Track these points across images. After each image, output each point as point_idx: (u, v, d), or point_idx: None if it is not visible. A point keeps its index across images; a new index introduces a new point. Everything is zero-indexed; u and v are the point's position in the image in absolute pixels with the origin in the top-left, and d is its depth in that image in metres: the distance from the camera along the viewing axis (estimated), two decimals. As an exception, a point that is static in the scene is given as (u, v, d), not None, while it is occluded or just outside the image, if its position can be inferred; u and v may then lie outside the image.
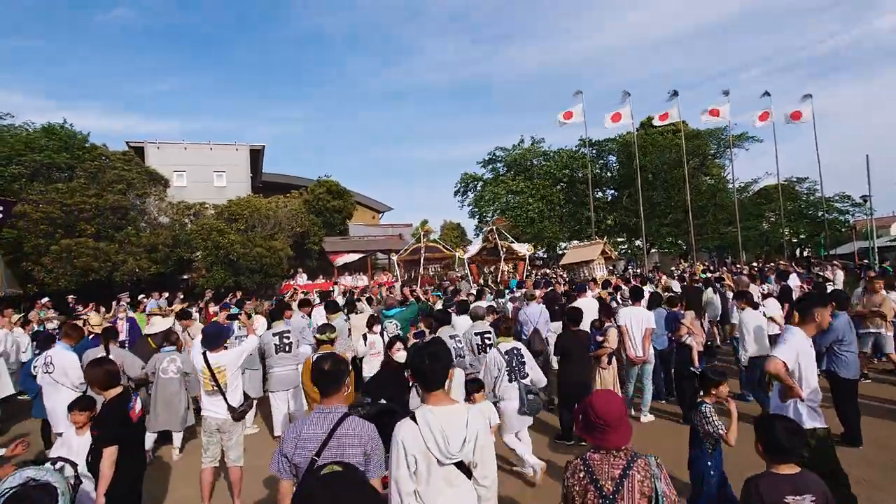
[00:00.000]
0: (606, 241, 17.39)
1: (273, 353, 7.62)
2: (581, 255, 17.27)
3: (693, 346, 6.66)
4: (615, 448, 2.34)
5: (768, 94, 32.20)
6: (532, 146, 39.20)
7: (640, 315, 7.20)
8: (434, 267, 20.15)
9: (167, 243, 22.84)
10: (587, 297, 9.13)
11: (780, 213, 33.12)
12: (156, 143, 32.65)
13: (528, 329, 8.55)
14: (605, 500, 2.25)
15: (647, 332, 7.10)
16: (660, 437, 6.68)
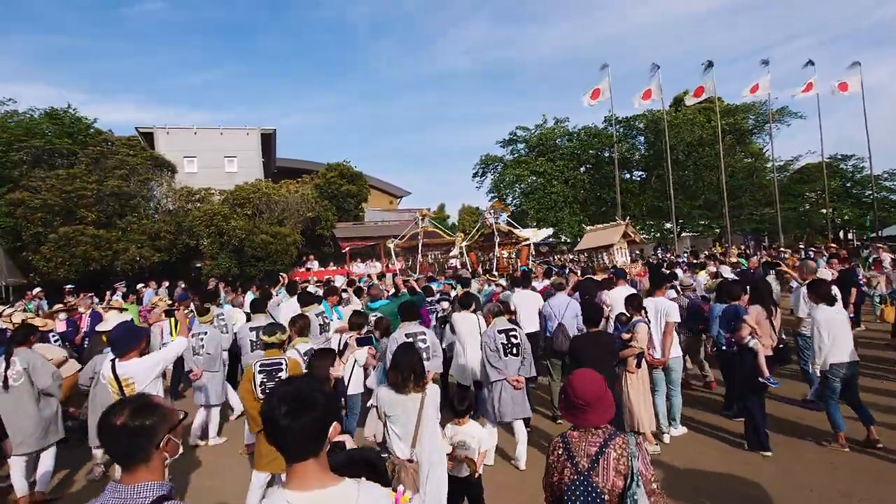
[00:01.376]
0: (629, 222, 15.24)
1: (248, 351, 6.60)
2: (600, 238, 15.30)
3: (759, 350, 5.14)
4: (593, 426, 2.36)
5: (812, 63, 29.81)
6: (556, 125, 37.24)
7: (661, 306, 5.88)
8: (434, 253, 18.71)
9: (171, 230, 21.96)
10: (625, 286, 7.65)
11: (825, 192, 30.73)
12: (165, 128, 31.83)
13: (552, 324, 7.14)
14: (580, 476, 2.27)
15: (667, 326, 5.70)
16: (696, 457, 5.31)
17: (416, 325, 5.71)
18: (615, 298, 7.00)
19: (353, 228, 28.48)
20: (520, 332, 5.45)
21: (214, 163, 31.99)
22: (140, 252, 20.59)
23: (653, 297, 6.04)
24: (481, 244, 17.53)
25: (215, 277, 20.42)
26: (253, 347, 6.50)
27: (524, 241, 16.77)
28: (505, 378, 5.22)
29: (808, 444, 5.46)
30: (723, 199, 28.67)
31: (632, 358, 5.36)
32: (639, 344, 5.37)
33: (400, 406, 3.51)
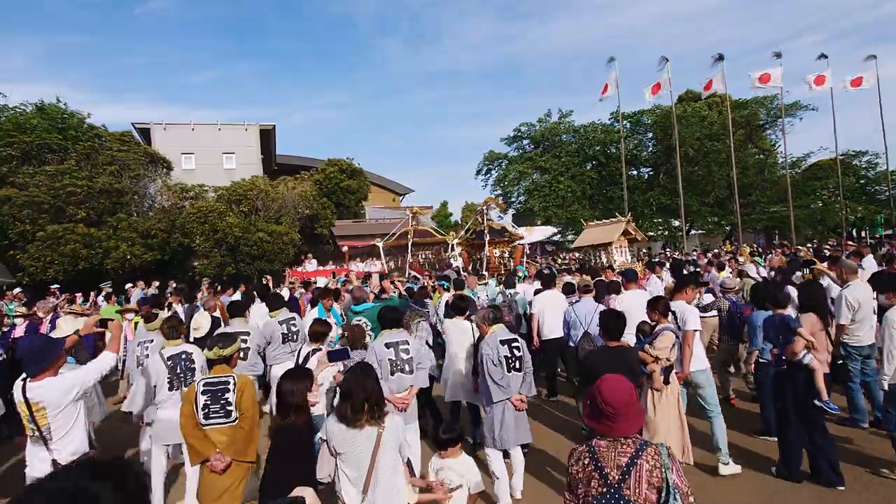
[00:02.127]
0: (630, 218, 14.30)
1: None
2: (598, 235, 14.39)
3: (816, 368, 4.32)
4: (622, 436, 2.22)
5: (825, 56, 28.81)
6: (561, 120, 36.36)
7: (678, 312, 5.11)
8: (425, 253, 17.87)
9: (164, 228, 21.30)
10: (636, 290, 6.84)
11: (840, 189, 29.78)
12: (162, 124, 31.19)
13: (576, 333, 6.37)
14: (609, 489, 2.14)
15: (685, 336, 4.91)
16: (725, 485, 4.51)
17: (399, 332, 4.97)
18: (628, 304, 6.15)
19: (353, 226, 27.80)
20: (522, 344, 4.69)
21: (212, 159, 31.33)
22: (131, 251, 19.93)
23: (673, 301, 5.23)
24: (472, 242, 16.67)
25: (209, 277, 19.79)
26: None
27: (518, 240, 15.89)
28: (508, 398, 4.48)
29: (860, 471, 4.68)
30: (733, 197, 27.82)
31: (657, 372, 4.55)
32: (662, 355, 4.58)
33: (350, 443, 2.82)
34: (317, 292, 8.00)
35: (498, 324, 4.79)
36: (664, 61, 27.04)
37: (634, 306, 6.12)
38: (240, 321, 6.08)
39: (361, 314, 7.13)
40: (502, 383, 4.46)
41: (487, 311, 4.93)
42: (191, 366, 4.77)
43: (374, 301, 7.73)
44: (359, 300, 7.37)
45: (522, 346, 4.68)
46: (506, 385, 4.47)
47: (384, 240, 18.72)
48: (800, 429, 4.42)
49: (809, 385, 4.37)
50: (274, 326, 6.48)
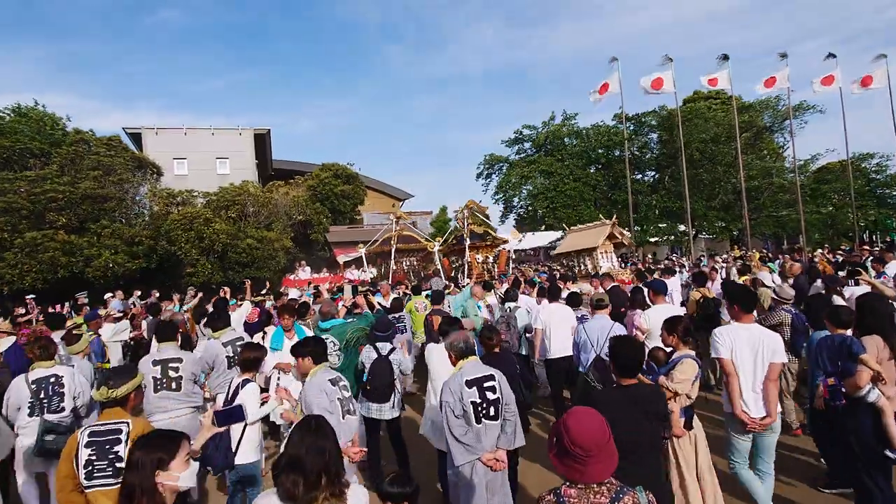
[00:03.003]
0: (615, 221, 13.15)
1: (150, 392, 4.91)
2: (582, 240, 13.30)
3: (885, 407, 3.38)
4: (595, 482, 1.96)
5: (833, 55, 27.97)
6: (564, 122, 35.52)
7: (760, 338, 3.80)
8: (409, 260, 16.95)
9: (150, 235, 20.47)
10: (666, 306, 5.87)
11: (851, 192, 28.81)
12: (153, 128, 30.44)
13: (587, 356, 5.39)
14: None
15: (772, 370, 3.73)
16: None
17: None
18: (656, 323, 5.10)
19: (348, 232, 26.91)
20: (500, 381, 3.66)
21: (205, 164, 30.53)
22: (114, 259, 19.08)
23: (739, 324, 3.98)
24: (452, 248, 15.73)
25: (195, 286, 18.96)
26: (156, 387, 4.87)
27: (502, 244, 14.93)
28: (478, 458, 3.49)
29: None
30: (740, 200, 26.93)
31: (676, 413, 3.66)
32: (684, 390, 3.67)
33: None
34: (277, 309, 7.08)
35: (470, 356, 3.77)
36: (668, 60, 26.26)
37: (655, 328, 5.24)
38: (169, 346, 5.14)
39: (328, 332, 6.28)
40: (467, 440, 3.49)
41: (457, 340, 3.85)
42: (59, 390, 4.18)
43: (346, 317, 6.84)
44: (327, 316, 6.49)
45: (500, 383, 3.64)
46: (472, 442, 3.50)
47: (367, 246, 17.89)
48: (880, 479, 3.47)
49: (877, 430, 3.43)
50: (216, 349, 5.60)
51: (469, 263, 13.95)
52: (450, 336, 3.96)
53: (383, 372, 5.50)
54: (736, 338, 3.81)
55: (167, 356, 4.96)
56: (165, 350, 5.04)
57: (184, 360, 5.00)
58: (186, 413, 4.95)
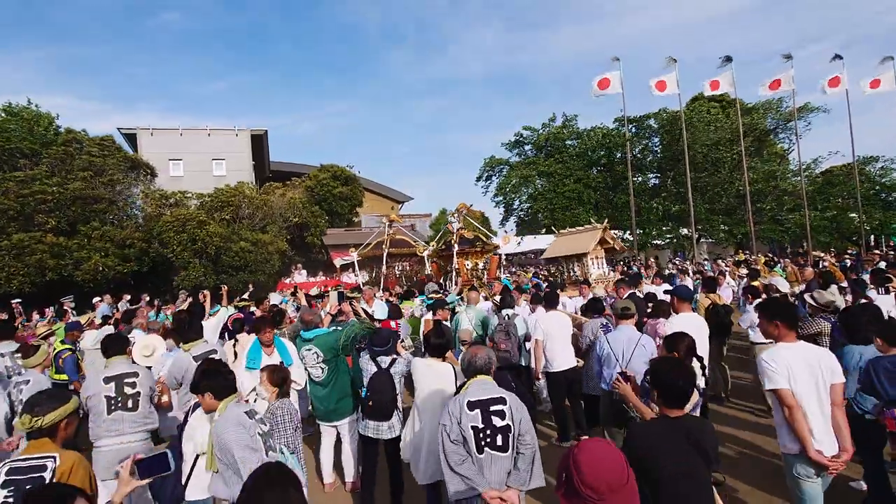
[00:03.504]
0: (607, 225, 12.55)
1: (103, 413, 4.38)
2: (571, 245, 12.60)
3: None
4: None
5: (839, 57, 27.54)
6: (565, 124, 35.09)
7: (812, 359, 3.19)
8: (402, 265, 16.45)
9: (142, 238, 20.02)
10: (690, 315, 5.30)
11: (857, 196, 28.35)
12: (149, 129, 30.03)
13: (610, 372, 4.74)
14: None
15: (834, 392, 3.15)
16: None
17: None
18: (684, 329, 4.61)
19: (346, 235, 26.43)
20: (512, 407, 3.10)
21: (202, 165, 30.13)
22: (104, 262, 18.62)
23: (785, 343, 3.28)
24: (442, 253, 15.23)
25: (186, 290, 18.50)
26: (109, 408, 4.33)
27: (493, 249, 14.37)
28: (478, 495, 2.98)
29: None
30: (744, 204, 26.51)
31: None
32: None
33: None
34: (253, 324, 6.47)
35: (481, 375, 3.26)
36: (672, 62, 25.82)
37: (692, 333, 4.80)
38: (119, 360, 4.60)
39: (311, 342, 5.77)
40: (464, 471, 2.96)
41: (477, 355, 3.31)
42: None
43: (331, 325, 6.33)
44: (309, 324, 5.96)
45: (513, 409, 3.08)
46: (471, 474, 2.97)
47: (358, 250, 17.44)
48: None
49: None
50: (185, 364, 5.07)
51: (457, 269, 13.41)
52: (470, 350, 3.46)
53: (384, 387, 5.01)
54: (791, 362, 3.15)
55: (120, 371, 4.45)
56: (116, 365, 4.51)
57: (140, 375, 4.48)
58: (139, 439, 4.42)
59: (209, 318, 7.67)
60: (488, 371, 3.30)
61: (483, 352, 3.34)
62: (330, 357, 5.72)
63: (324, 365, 5.77)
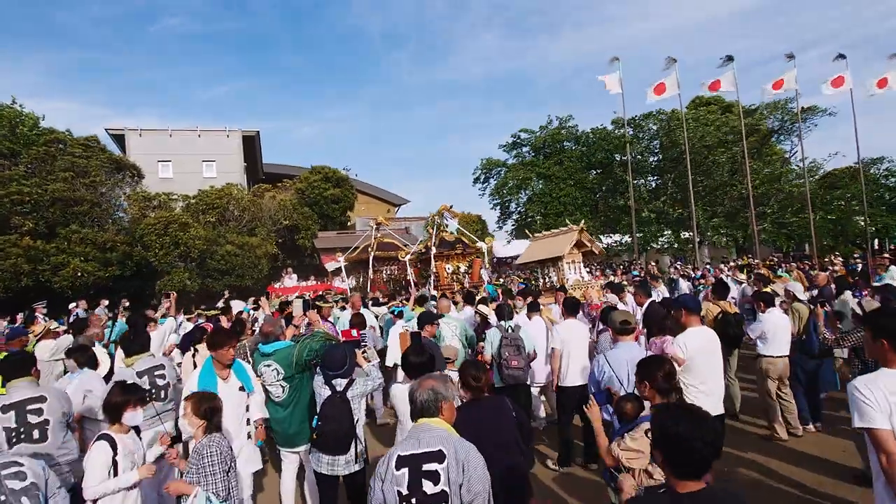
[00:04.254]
0: (583, 227, 11.81)
1: (2, 446, 3.68)
2: (546, 249, 11.85)
3: None
4: None
5: (843, 56, 26.90)
6: (561, 125, 34.49)
7: None
8: (390, 269, 15.78)
9: (124, 241, 19.27)
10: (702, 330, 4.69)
11: (864, 198, 27.68)
12: (137, 129, 29.33)
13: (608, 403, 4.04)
14: None
15: (881, 443, 2.35)
16: None
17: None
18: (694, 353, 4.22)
19: (338, 238, 25.70)
20: (452, 464, 2.32)
21: (191, 167, 29.41)
22: (83, 266, 17.86)
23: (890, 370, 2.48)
24: (421, 256, 14.55)
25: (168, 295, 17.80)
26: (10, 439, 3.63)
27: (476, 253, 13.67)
28: None
29: None
30: (746, 207, 25.85)
31: (626, 490, 2.50)
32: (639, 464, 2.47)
33: None
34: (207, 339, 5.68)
35: (425, 418, 2.54)
36: (672, 62, 25.17)
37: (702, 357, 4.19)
38: (22, 383, 3.85)
39: (271, 357, 5.07)
40: None
41: (419, 390, 2.59)
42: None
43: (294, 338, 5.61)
44: (269, 337, 5.23)
45: (453, 465, 2.32)
46: None
47: (346, 254, 16.77)
48: None
49: None
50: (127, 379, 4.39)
51: (436, 274, 12.71)
52: (415, 383, 2.73)
53: (338, 414, 4.25)
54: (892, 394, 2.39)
55: (22, 397, 3.73)
56: (18, 390, 3.79)
57: (48, 399, 3.77)
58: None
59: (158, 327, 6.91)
60: (435, 412, 2.54)
61: (429, 385, 2.59)
62: (291, 374, 5.05)
63: (284, 383, 5.11)
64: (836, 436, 6.29)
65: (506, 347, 5.88)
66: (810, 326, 6.63)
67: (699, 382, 4.43)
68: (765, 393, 6.53)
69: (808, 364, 6.68)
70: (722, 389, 4.63)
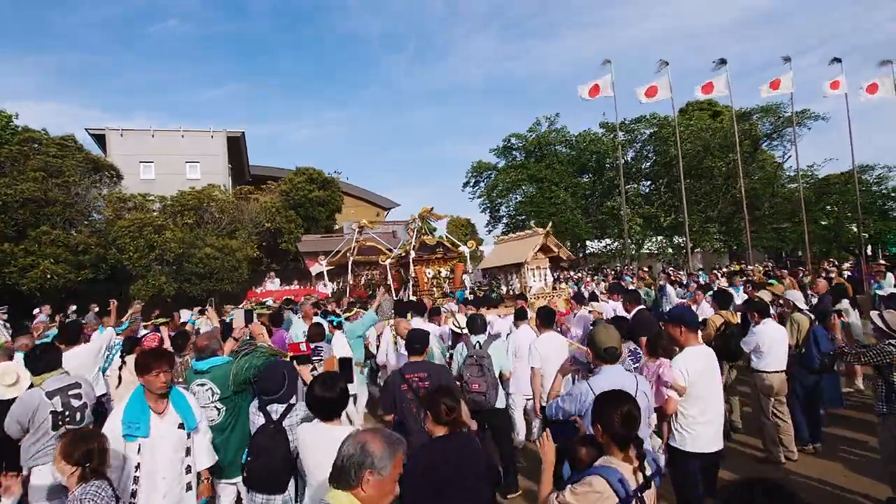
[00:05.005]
0: (549, 231, 10.83)
1: None
2: (509, 253, 11.11)
3: None
4: None
5: (838, 60, 26.60)
6: (550, 126, 34.06)
7: None
8: (371, 273, 15.17)
9: (99, 243, 18.58)
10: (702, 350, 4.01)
11: (857, 205, 27.31)
12: (118, 129, 28.60)
13: None
14: None
15: None
16: None
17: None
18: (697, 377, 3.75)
19: (322, 241, 25.04)
20: None
21: (174, 168, 28.66)
22: (53, 269, 17.15)
23: None
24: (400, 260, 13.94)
25: (142, 300, 17.10)
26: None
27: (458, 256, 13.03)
28: None
29: None
30: (740, 212, 25.45)
31: None
32: None
33: None
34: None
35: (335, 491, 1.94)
36: (664, 65, 24.74)
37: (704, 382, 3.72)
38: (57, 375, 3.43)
39: (205, 375, 4.46)
40: None
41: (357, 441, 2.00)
42: None
43: (233, 354, 4.96)
44: (204, 352, 4.61)
45: None
46: None
47: (328, 257, 16.16)
48: None
49: None
50: (34, 402, 3.80)
51: (415, 279, 12.07)
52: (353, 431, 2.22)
53: (272, 446, 3.63)
54: None
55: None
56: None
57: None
58: None
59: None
60: (352, 481, 1.90)
61: (363, 441, 1.98)
62: (228, 395, 4.45)
63: (220, 405, 4.50)
64: (836, 458, 5.80)
65: (469, 367, 5.18)
66: (810, 339, 6.10)
67: (699, 412, 3.86)
68: (760, 411, 6.00)
69: (807, 379, 6.16)
70: (722, 417, 4.08)
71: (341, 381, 3.19)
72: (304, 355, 4.57)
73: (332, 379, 3.16)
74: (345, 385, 3.23)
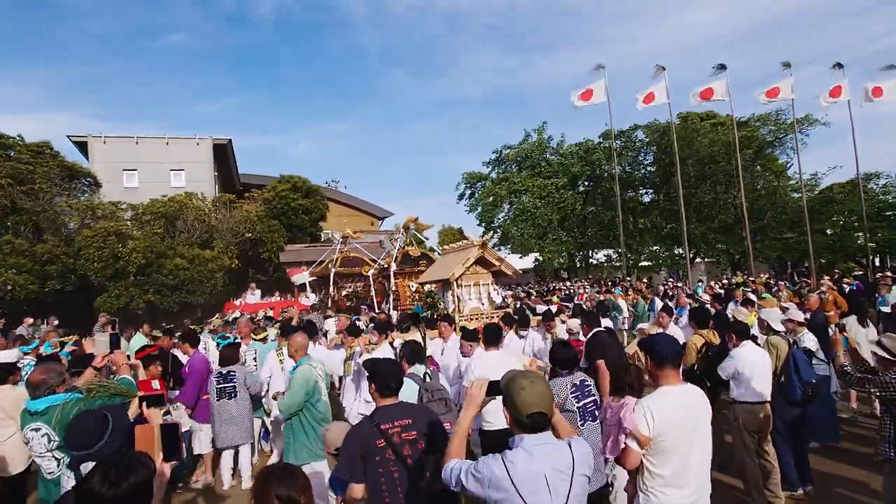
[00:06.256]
0: (486, 242, 9.12)
1: None
2: (443, 267, 9.68)
3: None
4: None
5: (840, 65, 25.74)
6: (539, 136, 33.25)
7: None
8: (354, 285, 14.45)
9: (67, 253, 17.80)
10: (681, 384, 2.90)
11: (863, 214, 26.28)
12: (101, 136, 27.93)
13: None
14: None
15: None
16: None
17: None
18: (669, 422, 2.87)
19: (306, 251, 24.19)
20: None
21: (158, 176, 27.93)
22: (16, 279, 16.38)
23: None
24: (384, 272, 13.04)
25: (107, 312, 16.28)
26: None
27: None
28: None
29: None
30: (741, 222, 24.48)
31: None
32: None
33: None
34: None
35: None
36: (661, 70, 23.92)
37: (679, 434, 2.84)
38: None
39: (41, 417, 3.60)
40: None
41: None
42: None
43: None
44: (39, 388, 3.72)
45: None
46: None
47: (311, 267, 15.39)
48: None
49: None
50: None
51: (396, 292, 11.24)
52: None
53: None
54: None
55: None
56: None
57: None
58: None
59: None
60: None
61: None
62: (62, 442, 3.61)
63: (60, 454, 3.68)
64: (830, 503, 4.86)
65: (430, 404, 4.05)
66: (790, 366, 5.12)
67: (670, 473, 2.78)
68: (742, 450, 5.03)
69: (788, 413, 5.16)
70: (708, 485, 2.91)
71: (134, 473, 2.11)
72: (156, 395, 3.66)
73: (125, 468, 2.09)
74: (140, 480, 2.19)
